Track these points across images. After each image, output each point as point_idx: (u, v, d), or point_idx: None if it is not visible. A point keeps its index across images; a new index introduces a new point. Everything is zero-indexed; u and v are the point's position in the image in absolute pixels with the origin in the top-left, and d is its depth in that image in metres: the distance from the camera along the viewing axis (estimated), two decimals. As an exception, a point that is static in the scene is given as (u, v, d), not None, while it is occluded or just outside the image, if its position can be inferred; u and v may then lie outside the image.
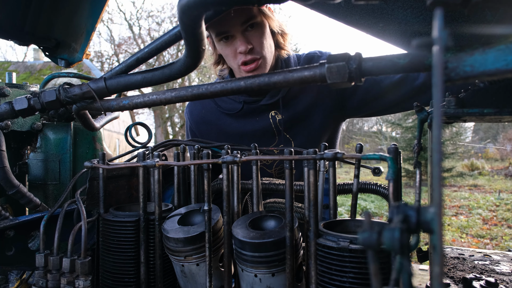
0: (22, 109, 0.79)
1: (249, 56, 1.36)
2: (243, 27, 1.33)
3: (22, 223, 0.89)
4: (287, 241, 0.70)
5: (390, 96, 1.50)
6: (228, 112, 1.62)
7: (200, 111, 1.69)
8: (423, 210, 0.32)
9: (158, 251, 0.86)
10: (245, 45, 1.33)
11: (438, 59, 0.25)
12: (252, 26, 1.34)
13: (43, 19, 1.52)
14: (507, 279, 0.85)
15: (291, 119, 1.55)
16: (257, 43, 1.36)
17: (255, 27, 1.35)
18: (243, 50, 1.34)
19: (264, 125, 1.57)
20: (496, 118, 0.57)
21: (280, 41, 1.49)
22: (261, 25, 1.36)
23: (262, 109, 1.56)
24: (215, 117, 1.66)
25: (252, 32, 1.35)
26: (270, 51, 1.43)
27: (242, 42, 1.33)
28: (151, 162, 0.84)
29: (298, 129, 1.57)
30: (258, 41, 1.36)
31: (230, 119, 1.63)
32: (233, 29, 1.33)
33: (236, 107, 1.59)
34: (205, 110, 1.67)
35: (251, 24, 1.33)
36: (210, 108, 1.67)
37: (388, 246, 0.28)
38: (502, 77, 0.37)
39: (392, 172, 0.52)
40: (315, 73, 0.58)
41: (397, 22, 0.84)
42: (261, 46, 1.37)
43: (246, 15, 1.31)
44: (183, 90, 0.72)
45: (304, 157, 0.68)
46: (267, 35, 1.40)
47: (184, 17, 0.56)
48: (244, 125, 1.60)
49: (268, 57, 1.42)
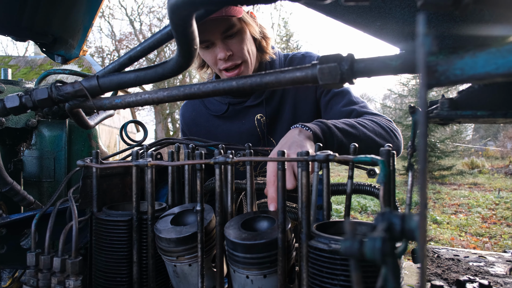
0: (14, 107, 0.79)
1: (229, 63, 1.42)
2: (223, 36, 1.38)
3: (14, 221, 0.89)
4: (279, 242, 0.70)
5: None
6: (215, 114, 1.66)
7: (191, 114, 1.74)
8: (408, 218, 0.31)
9: (150, 250, 0.86)
10: (224, 52, 1.39)
11: (422, 64, 0.24)
12: (232, 35, 1.39)
13: (40, 15, 1.51)
14: (501, 281, 0.84)
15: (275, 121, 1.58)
16: (237, 50, 1.41)
17: (235, 35, 1.40)
18: (222, 57, 1.39)
19: (249, 127, 1.60)
20: (490, 120, 0.56)
21: (263, 45, 1.54)
22: (241, 32, 1.41)
23: (247, 111, 1.59)
24: (204, 119, 1.69)
25: (232, 39, 1.40)
26: (252, 55, 1.48)
27: (221, 49, 1.39)
28: (143, 161, 0.83)
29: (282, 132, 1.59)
30: (238, 47, 1.41)
31: (218, 121, 1.66)
32: (213, 37, 1.38)
33: (222, 109, 1.63)
34: (195, 113, 1.71)
35: (231, 33, 1.39)
36: (199, 110, 1.71)
37: (369, 256, 0.27)
38: (492, 81, 0.36)
39: (383, 175, 0.51)
40: (306, 74, 0.58)
41: (394, 21, 0.83)
42: (241, 52, 1.42)
43: (226, 24, 1.36)
44: (175, 89, 0.71)
45: (296, 158, 0.68)
46: (247, 41, 1.44)
47: (174, 17, 0.56)
48: (231, 127, 1.63)
49: (250, 62, 1.47)
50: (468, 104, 0.58)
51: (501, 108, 0.55)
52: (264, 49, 1.55)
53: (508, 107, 0.54)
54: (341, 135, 1.16)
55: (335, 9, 0.83)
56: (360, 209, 7.70)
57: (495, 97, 0.57)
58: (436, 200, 8.98)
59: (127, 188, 1.06)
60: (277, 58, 1.62)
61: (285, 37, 24.53)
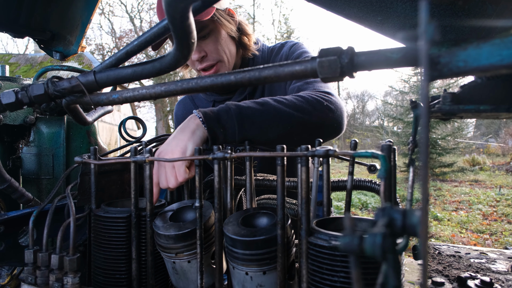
0: (10, 103, 0.78)
1: (204, 63, 1.43)
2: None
3: (12, 218, 0.88)
4: (278, 239, 0.69)
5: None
6: None
7: (182, 112, 1.75)
8: (409, 213, 0.30)
9: (149, 247, 0.85)
10: (197, 54, 1.40)
11: (424, 52, 0.23)
12: (205, 36, 1.40)
13: (37, 11, 1.50)
14: (502, 278, 0.83)
15: None
16: (210, 50, 1.42)
17: (208, 36, 1.41)
18: (195, 58, 1.41)
19: None
20: (493, 115, 0.55)
21: (244, 42, 1.54)
22: (214, 33, 1.41)
23: None
24: None
25: (206, 40, 1.41)
26: (229, 54, 1.48)
27: (195, 51, 1.39)
28: (141, 157, 0.82)
29: None
30: (212, 48, 1.42)
31: None
32: None
33: (207, 106, 1.63)
34: (186, 111, 1.73)
35: (203, 34, 1.39)
36: (189, 108, 1.72)
37: (369, 252, 0.26)
38: (496, 73, 0.35)
39: (384, 170, 0.51)
40: (306, 67, 0.57)
41: (396, 16, 0.82)
42: (216, 52, 1.43)
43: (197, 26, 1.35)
44: (172, 84, 0.70)
45: (296, 153, 0.67)
46: (222, 41, 1.44)
47: (170, 10, 0.55)
48: None
49: (226, 61, 1.47)
50: (471, 98, 0.56)
51: (505, 102, 0.54)
52: (246, 46, 1.55)
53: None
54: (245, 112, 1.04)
55: (335, 3, 0.82)
56: (361, 205, 7.70)
57: (498, 91, 0.55)
58: (437, 197, 8.97)
59: (125, 185, 1.05)
60: (260, 53, 1.61)
61: (286, 34, 24.44)
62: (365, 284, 0.57)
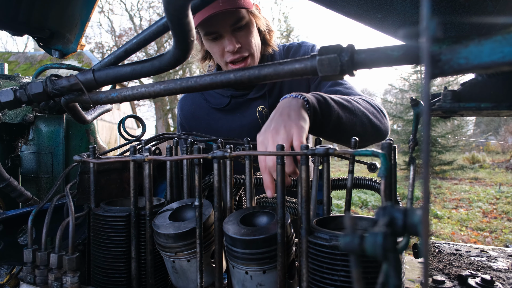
0: (8, 101, 0.77)
1: (237, 55, 1.40)
2: (231, 28, 1.36)
3: (11, 217, 0.88)
4: (278, 238, 0.69)
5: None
6: (216, 107, 1.63)
7: (190, 107, 1.71)
8: (410, 212, 0.30)
9: (149, 246, 0.85)
10: (233, 45, 1.37)
11: (426, 48, 0.23)
12: (241, 27, 1.37)
13: (37, 9, 1.49)
14: (503, 275, 0.83)
15: None
16: (245, 42, 1.40)
17: (244, 27, 1.39)
18: (231, 49, 1.37)
19: (251, 120, 1.57)
20: (494, 112, 0.55)
21: (267, 38, 1.53)
22: (249, 25, 1.40)
23: (249, 103, 1.58)
24: (205, 113, 1.67)
25: (241, 32, 1.39)
26: (257, 48, 1.47)
27: (230, 42, 1.37)
28: (141, 156, 0.82)
29: None
30: (246, 40, 1.40)
31: (219, 114, 1.64)
32: (222, 29, 1.36)
33: (223, 102, 1.60)
34: (195, 106, 1.69)
35: (239, 25, 1.37)
36: (199, 103, 1.68)
37: (370, 252, 0.26)
38: (498, 70, 0.35)
39: (384, 169, 0.50)
40: (306, 65, 0.56)
41: (396, 13, 0.82)
42: (249, 45, 1.41)
43: (236, 17, 1.34)
44: (171, 82, 0.69)
45: (296, 152, 0.66)
46: (254, 33, 1.43)
47: (169, 7, 0.54)
48: (232, 120, 1.61)
49: (256, 55, 1.46)
50: (472, 96, 0.56)
51: (506, 100, 0.54)
52: (268, 42, 1.54)
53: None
54: (337, 107, 1.08)
55: (335, 1, 0.81)
56: (361, 204, 7.70)
57: (499, 89, 0.55)
58: (437, 194, 8.98)
59: (125, 184, 1.05)
60: (279, 50, 1.61)
61: (286, 32, 24.39)
62: (365, 283, 0.56)
